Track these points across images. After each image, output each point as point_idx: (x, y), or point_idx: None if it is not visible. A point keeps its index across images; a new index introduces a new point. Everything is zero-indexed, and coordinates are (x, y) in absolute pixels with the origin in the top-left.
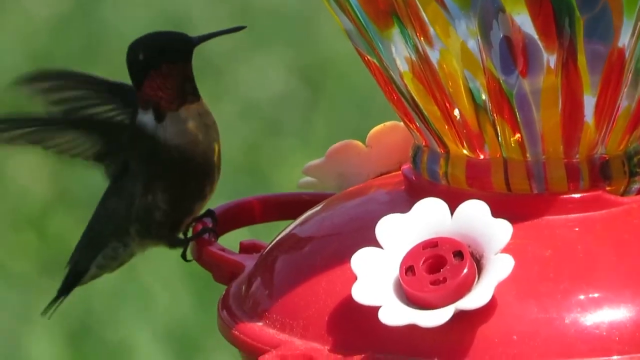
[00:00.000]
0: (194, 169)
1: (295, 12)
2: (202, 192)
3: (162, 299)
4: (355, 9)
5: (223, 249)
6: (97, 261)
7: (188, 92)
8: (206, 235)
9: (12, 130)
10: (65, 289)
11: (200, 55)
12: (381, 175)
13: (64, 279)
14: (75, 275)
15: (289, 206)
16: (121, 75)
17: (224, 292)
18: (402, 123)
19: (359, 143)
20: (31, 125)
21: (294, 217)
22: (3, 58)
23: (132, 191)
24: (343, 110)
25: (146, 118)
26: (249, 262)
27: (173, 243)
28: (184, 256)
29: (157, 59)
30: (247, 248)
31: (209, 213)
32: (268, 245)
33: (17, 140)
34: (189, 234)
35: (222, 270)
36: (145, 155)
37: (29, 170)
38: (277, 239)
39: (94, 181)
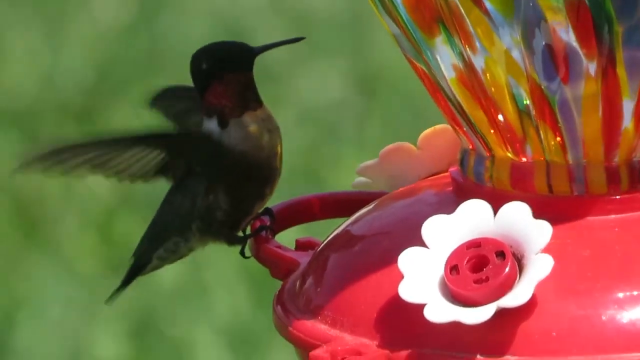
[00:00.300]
0: (257, 172)
1: (350, 21)
2: (263, 194)
3: (221, 297)
4: (404, 17)
5: (280, 246)
6: (159, 253)
7: (250, 99)
8: (263, 233)
9: (75, 159)
10: (128, 280)
11: (260, 64)
12: (431, 176)
13: (128, 270)
14: (138, 267)
15: (345, 204)
16: (183, 82)
17: (279, 288)
18: (449, 127)
19: (411, 145)
20: (94, 150)
21: (350, 215)
22: (71, 65)
23: (196, 191)
24: (396, 115)
25: (211, 125)
26: (304, 259)
27: (232, 241)
28: (242, 253)
29: (220, 68)
30: (303, 245)
31: (267, 211)
32: (321, 244)
33: (79, 168)
34: (247, 231)
35: (279, 267)
36: (210, 160)
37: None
38: (330, 237)
39: (154, 186)
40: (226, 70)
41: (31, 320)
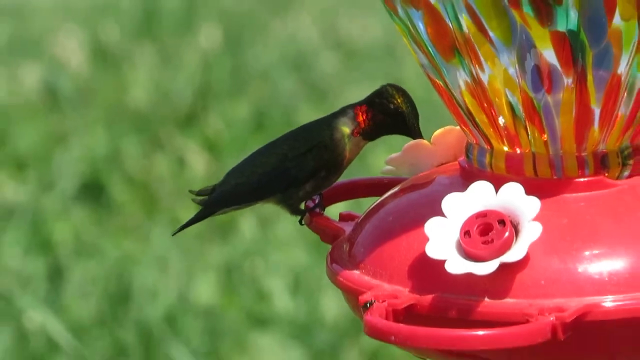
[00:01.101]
0: (338, 171)
1: (384, 51)
2: (331, 183)
3: (286, 251)
4: (428, 46)
5: (327, 218)
6: (235, 207)
7: (374, 138)
8: (317, 209)
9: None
10: (199, 218)
11: (318, 83)
12: (442, 164)
13: (202, 210)
14: (213, 210)
15: (374, 187)
16: (260, 99)
17: (330, 249)
18: (457, 127)
19: (426, 142)
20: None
21: (378, 195)
22: (180, 82)
23: (296, 175)
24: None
25: (345, 122)
26: (347, 227)
27: (296, 212)
28: (300, 222)
29: (395, 119)
30: (344, 217)
31: (318, 193)
32: (362, 215)
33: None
34: (302, 207)
35: (327, 234)
36: (325, 149)
37: (197, 161)
38: (368, 210)
39: None
40: (395, 123)
41: (149, 268)
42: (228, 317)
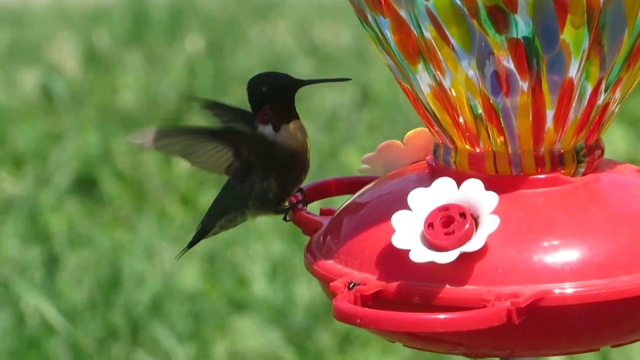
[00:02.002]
0: (297, 162)
1: (355, 56)
2: (300, 179)
3: (266, 241)
4: (394, 51)
5: (309, 213)
6: (220, 223)
7: (293, 113)
8: (299, 205)
9: (170, 138)
10: (194, 242)
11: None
12: (413, 163)
13: (195, 235)
14: (203, 232)
15: (352, 184)
16: (240, 100)
17: (308, 241)
18: (426, 129)
19: (399, 142)
20: (184, 134)
21: (356, 191)
22: (165, 85)
23: (253, 180)
24: (386, 120)
25: (266, 129)
26: (326, 221)
27: (278, 212)
28: (285, 219)
29: (278, 91)
30: (325, 212)
31: (300, 190)
32: (337, 210)
33: (170, 148)
34: (286, 204)
35: (308, 227)
36: (265, 154)
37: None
38: (343, 205)
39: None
40: (281, 93)
41: (137, 257)
42: (210, 301)
